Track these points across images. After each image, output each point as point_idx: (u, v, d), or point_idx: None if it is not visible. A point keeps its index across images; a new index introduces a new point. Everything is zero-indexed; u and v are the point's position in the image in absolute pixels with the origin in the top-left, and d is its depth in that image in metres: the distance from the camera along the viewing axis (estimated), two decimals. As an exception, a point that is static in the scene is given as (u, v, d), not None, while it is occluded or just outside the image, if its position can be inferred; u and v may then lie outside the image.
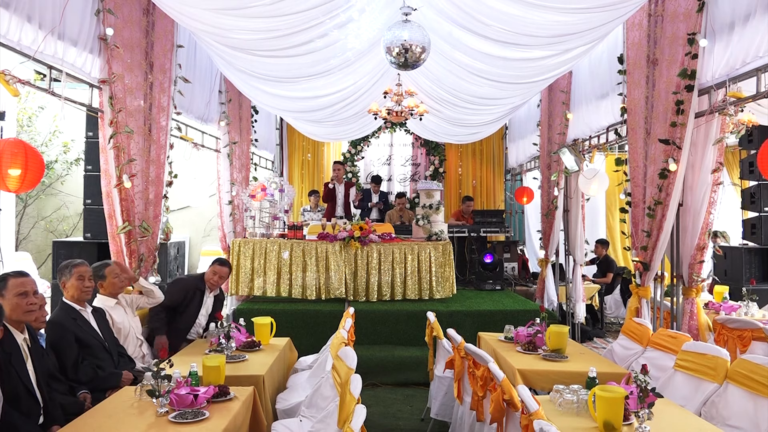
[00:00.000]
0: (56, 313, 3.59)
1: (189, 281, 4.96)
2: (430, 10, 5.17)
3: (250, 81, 6.50)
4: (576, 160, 6.77)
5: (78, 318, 3.60)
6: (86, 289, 3.67)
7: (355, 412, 2.37)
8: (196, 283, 4.87)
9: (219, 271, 4.86)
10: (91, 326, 3.65)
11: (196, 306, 4.79)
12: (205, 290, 4.86)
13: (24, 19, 3.70)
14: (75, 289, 3.62)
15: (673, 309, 5.17)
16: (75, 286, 3.62)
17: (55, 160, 10.10)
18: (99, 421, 2.67)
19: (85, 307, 3.71)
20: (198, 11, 4.60)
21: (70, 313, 3.59)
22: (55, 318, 3.53)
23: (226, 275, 4.92)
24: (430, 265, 6.77)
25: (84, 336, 3.53)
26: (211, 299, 4.91)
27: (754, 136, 6.17)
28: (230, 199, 7.57)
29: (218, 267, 4.89)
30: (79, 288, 3.63)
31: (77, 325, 3.55)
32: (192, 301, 4.77)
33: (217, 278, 4.86)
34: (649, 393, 2.65)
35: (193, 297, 4.79)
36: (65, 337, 3.43)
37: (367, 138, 10.89)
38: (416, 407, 5.10)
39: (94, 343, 3.57)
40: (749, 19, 3.99)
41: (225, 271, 4.89)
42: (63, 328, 3.48)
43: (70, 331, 3.47)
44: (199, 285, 4.85)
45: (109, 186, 4.73)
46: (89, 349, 3.53)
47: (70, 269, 3.65)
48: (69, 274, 3.64)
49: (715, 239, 7.17)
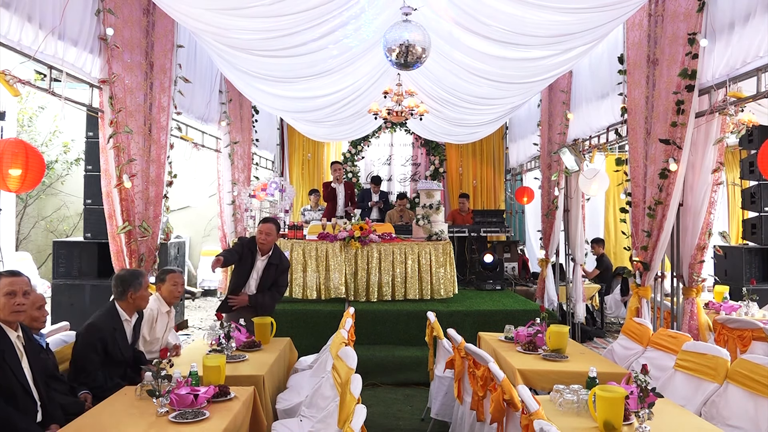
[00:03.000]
0: (101, 316, 3.59)
1: (245, 241, 4.96)
2: (430, 10, 5.17)
3: (250, 81, 6.50)
4: (576, 160, 6.77)
5: (118, 329, 3.60)
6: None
7: (356, 412, 2.37)
8: (249, 244, 4.86)
9: (264, 229, 4.80)
10: (125, 338, 3.66)
11: (248, 266, 4.81)
12: (256, 252, 4.83)
13: (24, 19, 3.71)
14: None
15: (673, 309, 5.17)
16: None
17: (56, 160, 10.11)
18: (99, 421, 2.67)
19: (131, 318, 3.72)
20: (198, 11, 4.60)
21: (114, 322, 3.60)
22: (96, 321, 3.54)
23: (272, 231, 4.82)
24: (431, 265, 6.77)
25: (112, 350, 3.53)
26: (262, 263, 4.85)
27: (754, 136, 6.18)
28: (232, 199, 7.57)
29: (262, 225, 4.83)
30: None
31: (113, 337, 3.54)
32: (246, 261, 4.81)
33: (264, 236, 4.79)
34: (649, 393, 2.65)
35: (247, 257, 4.81)
36: (95, 345, 3.43)
37: (368, 138, 10.90)
38: (416, 407, 5.10)
39: (117, 357, 3.57)
40: (749, 19, 3.99)
41: (269, 227, 4.80)
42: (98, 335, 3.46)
43: (103, 340, 3.47)
44: (251, 247, 4.84)
45: (109, 186, 4.73)
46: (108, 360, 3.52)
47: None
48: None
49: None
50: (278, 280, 4.94)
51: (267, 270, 4.88)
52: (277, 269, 4.92)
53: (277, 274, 4.92)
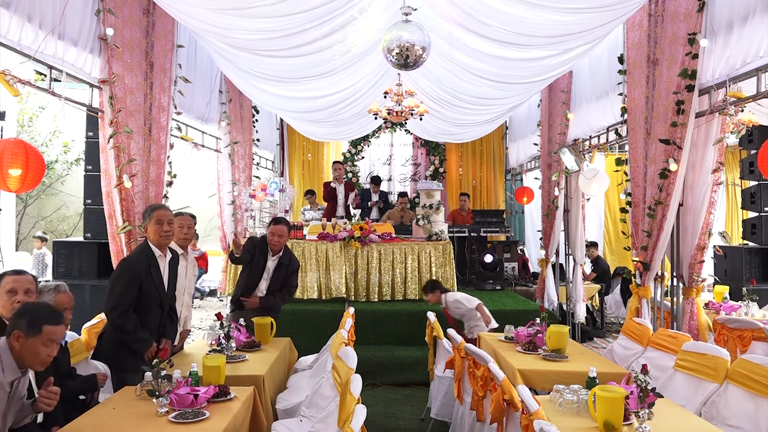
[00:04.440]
0: (135, 253, 3.57)
1: (256, 241, 4.93)
2: (430, 10, 5.17)
3: (251, 80, 6.50)
4: (576, 160, 6.77)
5: (153, 266, 3.57)
6: (165, 234, 3.64)
7: (356, 412, 2.37)
8: (261, 245, 4.85)
9: (277, 231, 4.77)
10: (161, 277, 3.62)
11: (260, 268, 4.79)
12: (268, 253, 4.82)
13: (24, 19, 3.71)
14: (154, 234, 3.61)
15: (673, 309, 5.17)
16: (154, 231, 3.61)
17: (56, 160, 10.11)
18: (99, 421, 2.67)
19: (165, 254, 3.68)
20: (200, 11, 4.60)
21: (148, 258, 3.57)
22: (131, 258, 3.55)
23: (285, 233, 4.81)
24: (431, 265, 6.77)
25: (148, 287, 3.50)
26: (273, 263, 4.84)
27: (754, 136, 6.18)
28: (232, 199, 7.57)
29: (275, 227, 4.80)
30: (158, 232, 3.61)
31: (148, 273, 3.51)
32: (258, 262, 4.78)
33: (277, 238, 4.78)
34: (649, 393, 2.65)
35: (259, 258, 4.79)
36: (130, 284, 3.40)
37: (368, 138, 10.90)
38: (416, 407, 5.10)
39: (153, 296, 3.55)
40: (749, 19, 3.99)
41: (282, 229, 4.78)
42: (132, 273, 3.44)
43: (137, 277, 3.44)
44: (263, 247, 4.83)
45: (109, 186, 4.73)
46: (145, 302, 3.50)
47: (149, 213, 3.66)
48: (148, 218, 3.64)
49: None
50: (289, 280, 4.93)
51: (277, 270, 4.87)
52: (288, 270, 4.90)
53: (287, 275, 4.90)
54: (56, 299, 3.19)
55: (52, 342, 2.52)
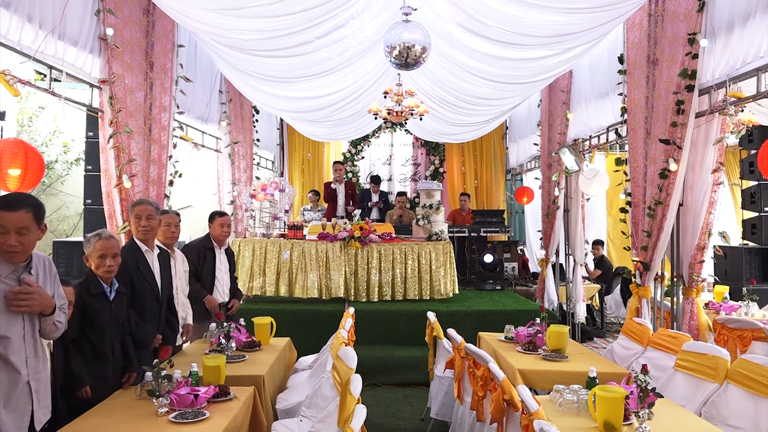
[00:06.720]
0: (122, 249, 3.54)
1: (194, 244, 4.95)
2: (430, 10, 5.17)
3: (250, 81, 6.50)
4: (576, 160, 6.77)
5: (140, 260, 3.60)
6: (143, 229, 3.70)
7: (356, 412, 2.38)
8: (202, 244, 4.88)
9: (224, 222, 4.86)
10: (151, 272, 3.65)
11: (210, 265, 4.80)
12: (215, 247, 4.86)
13: (24, 19, 3.71)
14: (134, 229, 3.71)
15: (673, 309, 5.17)
16: (134, 226, 3.71)
17: (55, 160, 10.10)
18: (99, 421, 2.67)
19: (153, 250, 3.72)
20: (198, 11, 4.60)
21: (134, 253, 3.61)
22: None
23: (228, 223, 4.94)
24: (431, 265, 6.77)
25: (139, 282, 3.53)
26: (224, 255, 4.92)
27: (754, 136, 6.17)
28: (232, 199, 7.57)
29: (220, 218, 4.87)
30: (136, 227, 3.69)
31: (137, 268, 3.55)
32: (206, 262, 4.79)
33: (226, 229, 4.85)
34: (649, 393, 2.65)
35: (206, 257, 4.80)
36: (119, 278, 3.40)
37: (368, 138, 10.89)
38: (416, 407, 5.10)
39: (146, 290, 3.57)
40: (749, 19, 3.99)
41: (227, 220, 4.92)
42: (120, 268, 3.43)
43: (126, 273, 3.45)
44: (206, 244, 4.85)
45: (110, 186, 4.73)
46: (139, 296, 3.52)
47: (131, 209, 3.79)
48: (131, 215, 3.75)
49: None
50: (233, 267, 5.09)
51: (228, 260, 4.98)
52: (233, 255, 5.05)
53: (232, 262, 5.05)
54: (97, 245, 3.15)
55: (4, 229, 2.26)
